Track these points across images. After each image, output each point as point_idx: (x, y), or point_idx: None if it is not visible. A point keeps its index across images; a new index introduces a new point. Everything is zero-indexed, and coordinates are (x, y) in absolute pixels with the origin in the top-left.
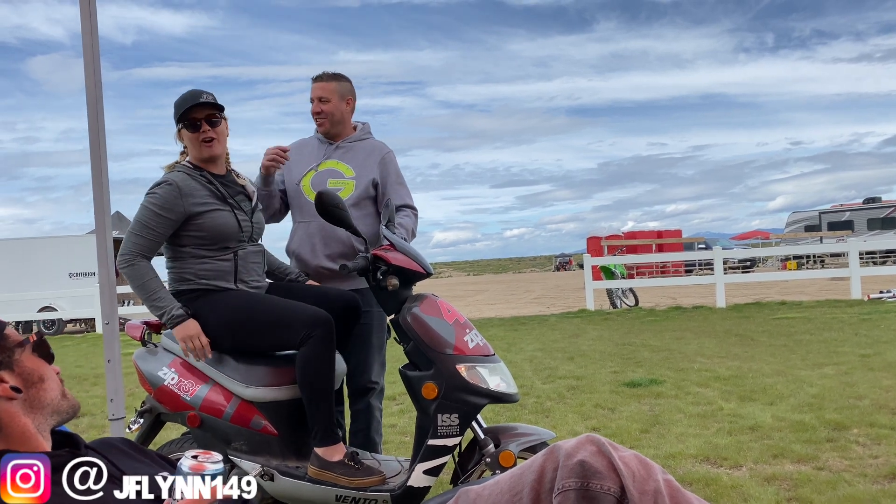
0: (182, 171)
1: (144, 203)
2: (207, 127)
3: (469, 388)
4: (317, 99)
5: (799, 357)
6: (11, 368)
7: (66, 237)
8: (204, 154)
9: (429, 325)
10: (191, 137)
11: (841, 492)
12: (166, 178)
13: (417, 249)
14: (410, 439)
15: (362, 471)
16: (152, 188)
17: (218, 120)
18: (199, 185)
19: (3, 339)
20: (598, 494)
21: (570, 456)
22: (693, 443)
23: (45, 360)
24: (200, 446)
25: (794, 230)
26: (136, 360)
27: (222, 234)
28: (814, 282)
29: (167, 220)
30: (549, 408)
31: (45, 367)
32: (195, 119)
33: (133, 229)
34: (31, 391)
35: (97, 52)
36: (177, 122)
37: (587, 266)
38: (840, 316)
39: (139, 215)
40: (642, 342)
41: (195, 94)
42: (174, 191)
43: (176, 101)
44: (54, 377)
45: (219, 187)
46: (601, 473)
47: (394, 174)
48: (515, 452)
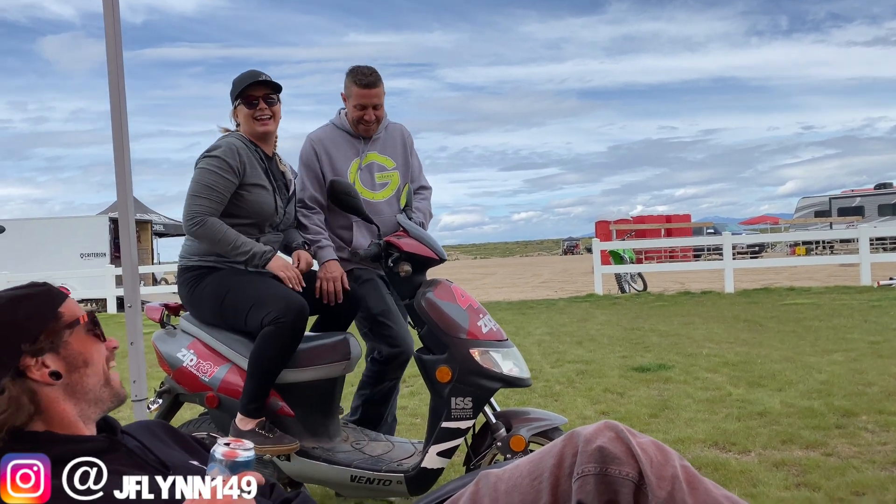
0: (238, 138)
1: (204, 166)
2: (264, 105)
3: (482, 372)
4: (371, 107)
5: (808, 343)
6: (57, 351)
7: (78, 217)
8: (258, 130)
9: (443, 310)
10: (247, 114)
11: (849, 478)
12: (225, 142)
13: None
14: (421, 421)
15: (273, 439)
16: (210, 152)
17: (274, 100)
18: (253, 158)
19: (57, 318)
20: (617, 479)
21: (589, 442)
22: (702, 428)
23: (97, 339)
24: (218, 427)
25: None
26: (155, 342)
27: (260, 213)
28: (823, 268)
29: (229, 182)
30: (558, 392)
31: (93, 350)
32: (253, 97)
33: (195, 192)
34: (74, 376)
35: (118, 31)
36: (234, 99)
37: (596, 250)
38: (849, 302)
39: (201, 178)
40: (651, 327)
41: (254, 73)
42: (234, 154)
43: (235, 78)
44: (100, 361)
45: (269, 167)
46: (619, 459)
47: (416, 155)
48: (526, 437)
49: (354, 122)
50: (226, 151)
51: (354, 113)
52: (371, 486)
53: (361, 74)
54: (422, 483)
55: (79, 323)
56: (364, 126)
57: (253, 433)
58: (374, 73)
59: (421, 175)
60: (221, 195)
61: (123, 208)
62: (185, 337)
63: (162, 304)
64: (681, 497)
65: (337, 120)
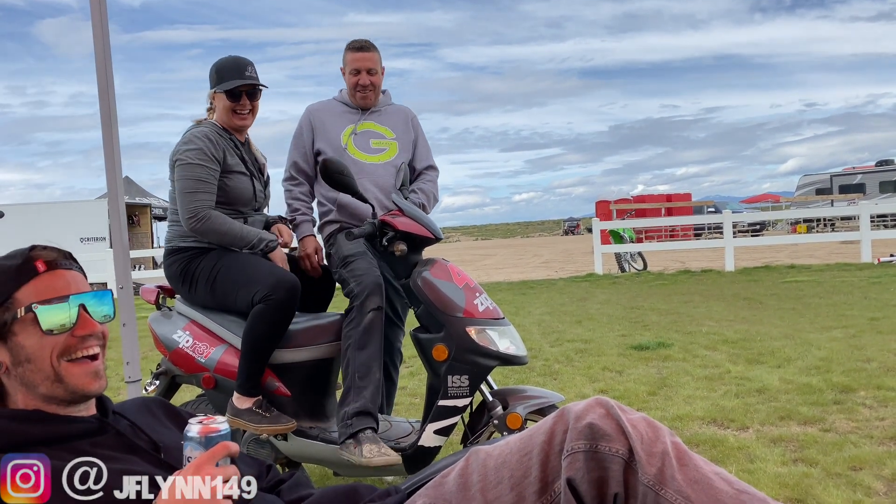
0: (211, 128)
1: (187, 161)
2: (247, 100)
3: (479, 350)
4: (364, 71)
5: (807, 320)
6: (5, 341)
7: (77, 202)
8: (236, 123)
9: (439, 289)
10: (228, 105)
11: (847, 453)
12: (198, 132)
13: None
14: (419, 401)
15: (269, 419)
16: (186, 147)
17: (257, 95)
18: (228, 146)
19: (6, 307)
20: (607, 456)
21: (580, 419)
22: (700, 405)
23: (45, 332)
24: (215, 407)
25: (805, 193)
26: (151, 324)
27: (240, 198)
28: (824, 245)
29: (215, 171)
30: (557, 370)
31: (38, 345)
32: (238, 90)
33: (188, 188)
34: (19, 370)
35: (105, 14)
36: (214, 85)
37: (596, 230)
38: (849, 279)
39: (189, 173)
40: (650, 306)
41: (241, 68)
42: (210, 143)
43: (218, 64)
44: (45, 358)
45: (243, 153)
46: (610, 436)
47: (423, 135)
48: (523, 415)
49: (352, 90)
50: (204, 142)
51: (350, 79)
52: None
53: (355, 41)
54: (419, 461)
55: (30, 311)
56: (361, 93)
57: (250, 412)
58: (368, 41)
59: (429, 155)
60: (212, 185)
61: (113, 191)
62: (181, 318)
63: (157, 286)
64: (670, 474)
65: (338, 95)
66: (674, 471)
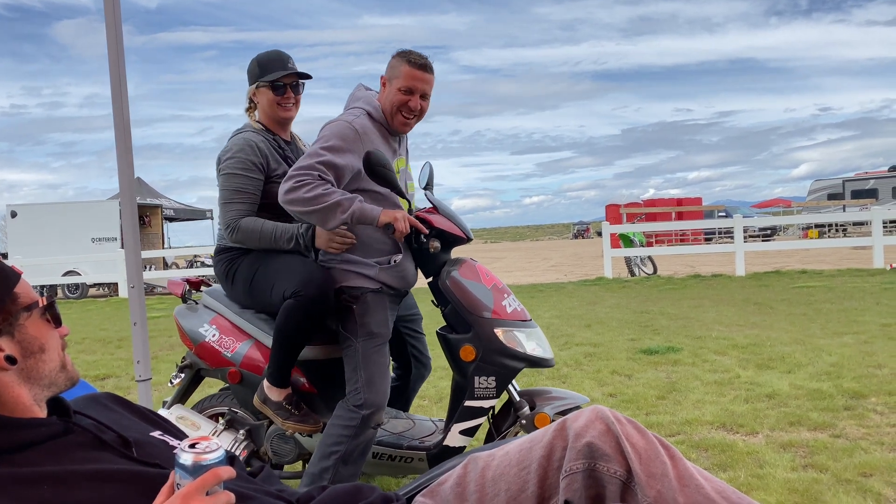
0: (253, 133)
1: (229, 171)
2: (291, 93)
3: (506, 351)
4: (419, 94)
5: (818, 326)
6: (12, 335)
7: (89, 202)
8: (280, 115)
9: (467, 289)
10: (272, 99)
11: (857, 459)
12: (241, 139)
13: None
14: (428, 403)
15: (298, 416)
16: (227, 155)
17: (300, 88)
18: (271, 149)
19: (12, 300)
20: (605, 476)
21: (579, 437)
22: (710, 410)
23: (53, 323)
24: (240, 402)
25: (817, 198)
26: (176, 317)
27: None
28: (835, 250)
29: (256, 181)
30: (566, 374)
31: (49, 336)
32: (282, 80)
33: (227, 199)
34: (29, 361)
35: (119, 16)
36: (256, 79)
37: (606, 234)
38: (861, 285)
39: (228, 184)
40: (660, 310)
41: (283, 60)
42: (255, 151)
43: (259, 58)
44: (56, 347)
45: (287, 153)
46: (608, 455)
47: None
48: (551, 415)
49: (395, 109)
50: (245, 150)
51: (397, 97)
52: (393, 462)
53: (417, 55)
54: (443, 461)
55: (37, 306)
56: (405, 118)
57: (279, 406)
58: (429, 60)
59: None
60: (252, 195)
61: (125, 191)
62: (208, 312)
63: (184, 279)
64: (671, 496)
65: (371, 107)
66: (675, 493)
